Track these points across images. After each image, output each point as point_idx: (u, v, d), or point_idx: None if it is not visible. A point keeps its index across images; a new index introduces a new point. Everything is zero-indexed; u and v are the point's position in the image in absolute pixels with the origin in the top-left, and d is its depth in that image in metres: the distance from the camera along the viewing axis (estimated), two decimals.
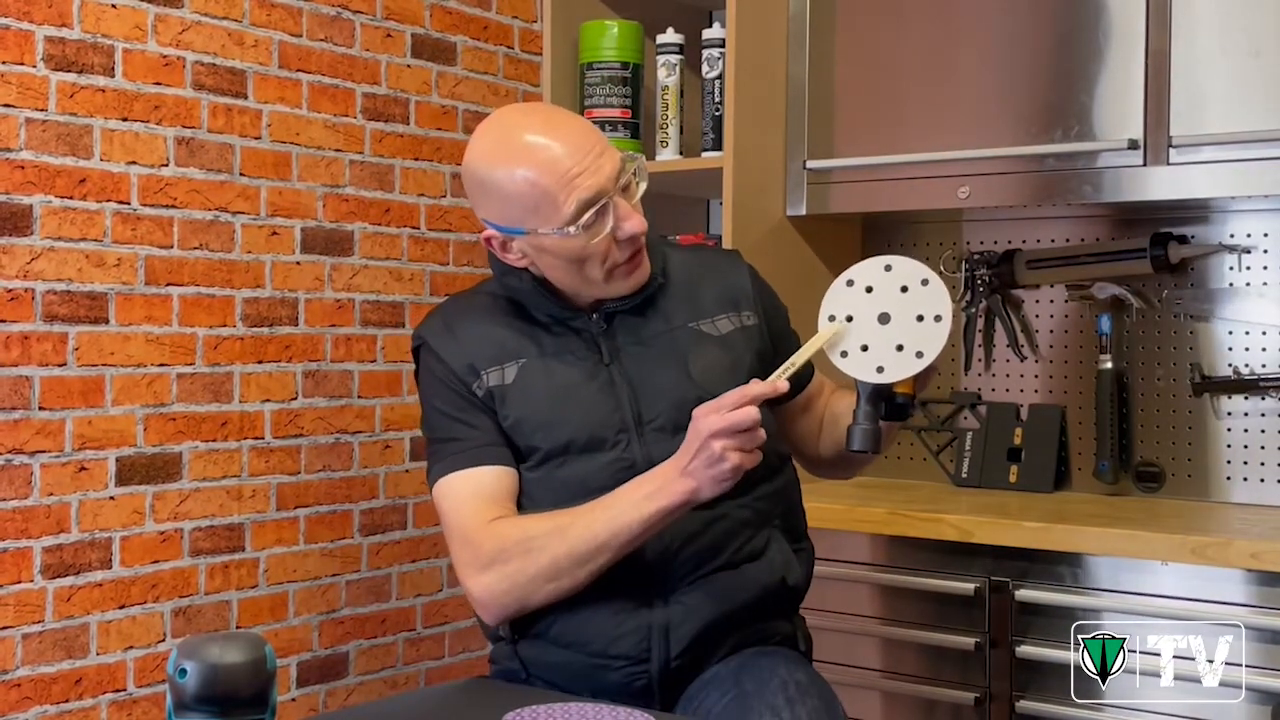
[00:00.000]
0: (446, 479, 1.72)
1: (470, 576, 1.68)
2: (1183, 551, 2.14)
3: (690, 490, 1.58)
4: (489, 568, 1.66)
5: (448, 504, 1.72)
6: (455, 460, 1.72)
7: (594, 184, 1.64)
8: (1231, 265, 2.60)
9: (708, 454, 1.55)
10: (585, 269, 1.70)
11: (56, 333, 2.21)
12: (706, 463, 1.56)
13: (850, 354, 1.62)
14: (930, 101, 2.63)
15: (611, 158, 1.68)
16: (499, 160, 1.67)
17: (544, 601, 1.67)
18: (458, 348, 1.76)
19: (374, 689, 2.71)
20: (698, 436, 1.56)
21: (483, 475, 1.71)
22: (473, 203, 1.76)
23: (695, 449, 1.56)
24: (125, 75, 2.30)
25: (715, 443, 1.54)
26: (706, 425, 1.55)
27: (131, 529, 2.31)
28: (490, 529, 1.67)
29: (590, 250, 1.67)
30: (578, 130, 1.68)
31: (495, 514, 1.69)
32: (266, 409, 2.52)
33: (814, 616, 1.97)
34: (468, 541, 1.68)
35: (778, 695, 1.61)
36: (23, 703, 2.16)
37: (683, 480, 1.58)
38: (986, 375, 2.88)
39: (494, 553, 1.66)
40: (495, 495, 1.71)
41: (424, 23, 2.80)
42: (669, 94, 2.83)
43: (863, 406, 1.62)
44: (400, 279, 2.75)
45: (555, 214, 1.65)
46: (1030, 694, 2.29)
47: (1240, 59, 2.32)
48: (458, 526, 1.70)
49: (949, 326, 1.60)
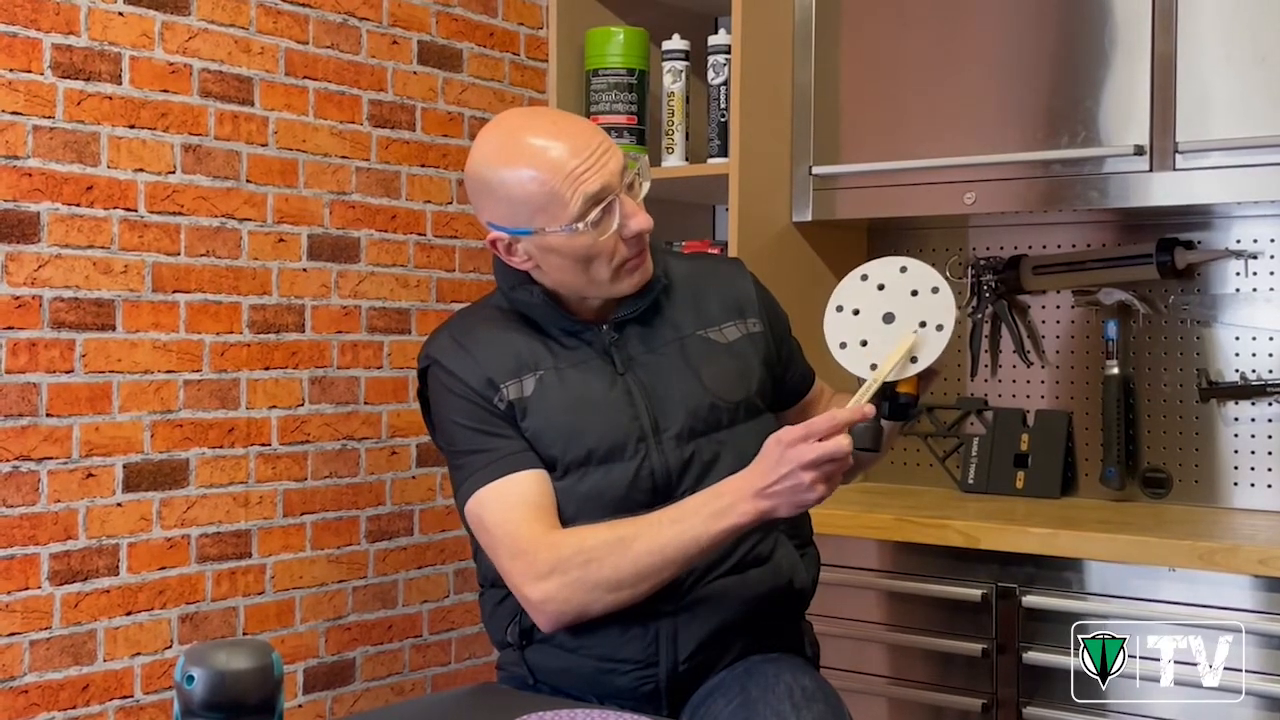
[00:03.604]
0: (484, 490, 1.68)
1: (528, 584, 1.64)
2: (1190, 557, 2.14)
3: (765, 511, 1.57)
4: (548, 577, 1.62)
5: (491, 515, 1.67)
6: (490, 471, 1.69)
7: (599, 180, 1.64)
8: (1238, 270, 2.60)
9: (794, 482, 1.53)
10: (592, 268, 1.69)
11: (64, 340, 2.22)
12: (791, 491, 1.54)
13: (849, 347, 1.63)
14: (936, 107, 2.63)
15: (616, 156, 1.68)
16: (504, 162, 1.67)
17: (603, 611, 1.64)
18: (472, 363, 1.73)
19: (380, 695, 2.71)
20: (786, 462, 1.53)
21: (522, 481, 1.68)
22: (476, 207, 1.75)
23: (781, 474, 1.54)
24: (132, 83, 2.30)
25: (805, 474, 1.53)
26: (798, 455, 1.52)
27: (139, 535, 2.31)
28: (544, 540, 1.64)
29: (598, 248, 1.67)
30: (581, 130, 1.69)
31: (545, 523, 1.65)
32: (273, 415, 2.52)
33: (821, 622, 1.97)
34: (520, 554, 1.64)
35: (784, 701, 1.61)
36: (30, 709, 2.16)
37: (758, 501, 1.56)
38: (993, 381, 2.88)
39: (552, 562, 1.62)
40: (540, 503, 1.67)
41: (430, 30, 2.80)
42: (675, 100, 2.84)
43: None
44: (407, 285, 2.76)
45: (562, 212, 1.64)
46: (1037, 700, 2.29)
47: (1246, 64, 2.32)
48: (506, 536, 1.66)
49: (949, 337, 1.61)
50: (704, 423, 1.72)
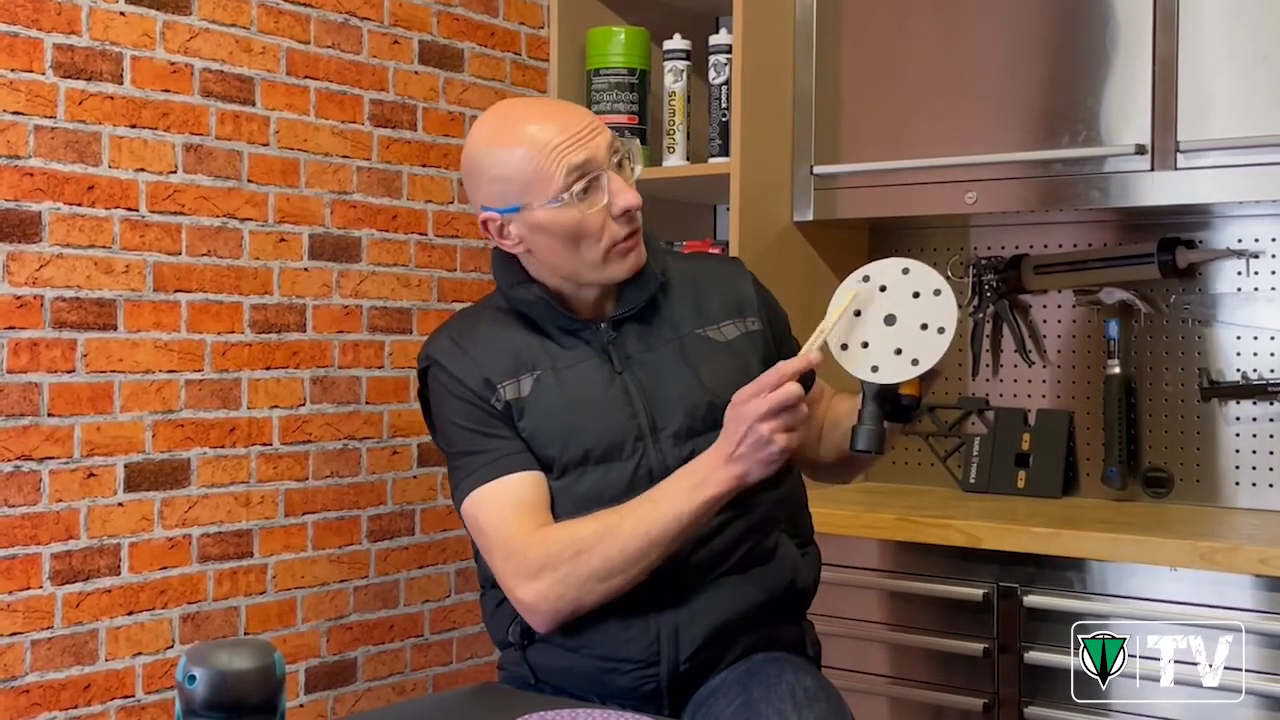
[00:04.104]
0: (479, 491, 1.70)
1: (519, 585, 1.66)
2: (1191, 557, 2.14)
3: (739, 475, 1.59)
4: (538, 575, 1.64)
5: (485, 516, 1.69)
6: (485, 472, 1.70)
7: (584, 153, 1.68)
8: (1239, 270, 2.60)
9: (755, 438, 1.56)
10: (581, 248, 1.70)
11: (65, 339, 2.22)
12: (754, 447, 1.56)
13: (850, 348, 1.64)
14: (937, 107, 2.63)
15: (604, 135, 1.71)
16: (495, 143, 1.71)
17: (597, 602, 1.65)
18: (470, 363, 1.74)
19: (382, 695, 2.71)
20: (743, 421, 1.56)
21: (516, 483, 1.69)
22: (470, 192, 1.78)
23: (741, 434, 1.57)
24: (133, 82, 2.30)
25: (762, 426, 1.55)
26: (752, 409, 1.55)
27: (140, 535, 2.31)
28: (534, 537, 1.65)
29: (586, 226, 1.69)
30: (570, 112, 1.74)
31: (536, 521, 1.67)
32: (274, 415, 2.52)
33: (822, 622, 1.97)
34: (512, 552, 1.66)
35: (785, 701, 1.61)
36: (32, 709, 2.17)
37: (729, 467, 1.59)
38: (994, 380, 2.88)
39: (542, 559, 1.64)
40: (533, 502, 1.69)
41: (431, 29, 2.80)
42: (676, 100, 2.84)
43: (868, 406, 1.63)
44: (408, 285, 2.76)
45: (548, 185, 1.67)
46: (1038, 700, 2.29)
47: (1247, 64, 2.32)
48: (499, 538, 1.68)
49: (950, 340, 1.61)
50: (702, 421, 1.71)
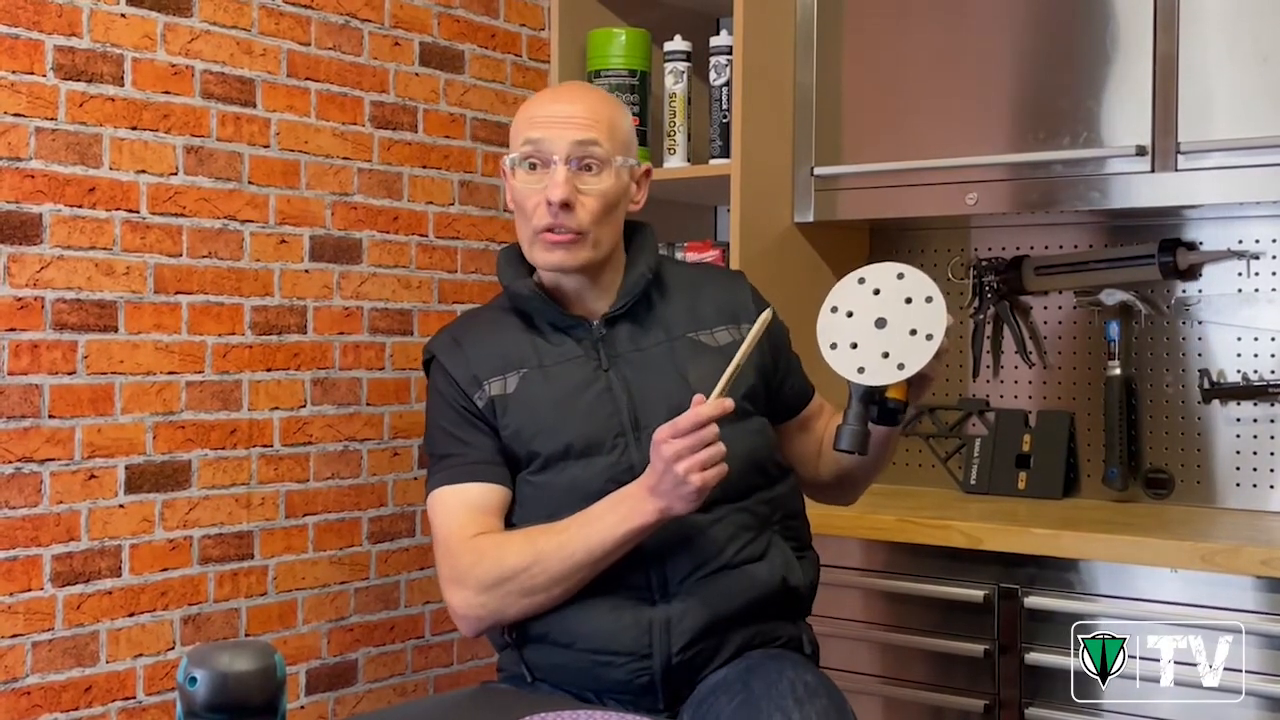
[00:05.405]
0: (439, 491, 1.78)
1: (448, 589, 1.75)
2: (1192, 558, 2.14)
3: (661, 510, 1.63)
4: (463, 582, 1.71)
5: (437, 516, 1.78)
6: (450, 474, 1.78)
7: (544, 133, 1.75)
8: (1240, 271, 2.60)
9: (671, 477, 1.59)
10: (520, 221, 1.79)
11: (66, 341, 2.22)
12: (674, 485, 1.60)
13: (839, 347, 1.64)
14: (938, 108, 2.63)
15: (583, 130, 1.74)
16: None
17: (519, 616, 1.72)
18: (463, 359, 1.81)
19: (383, 696, 2.71)
20: (660, 460, 1.60)
21: (473, 490, 1.76)
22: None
23: (660, 472, 1.61)
24: (134, 84, 2.30)
25: (678, 466, 1.58)
26: (669, 450, 1.59)
27: (141, 537, 2.31)
28: (470, 544, 1.72)
29: (522, 199, 1.77)
30: (576, 100, 1.79)
31: (479, 528, 1.73)
32: (275, 417, 2.52)
33: (822, 623, 1.97)
34: (449, 553, 1.74)
35: (787, 697, 1.62)
36: (32, 710, 2.17)
37: (653, 500, 1.63)
38: (995, 382, 2.88)
39: (470, 566, 1.71)
40: (483, 509, 1.75)
41: (432, 31, 2.80)
42: (676, 101, 2.84)
43: (853, 407, 1.64)
44: (409, 287, 2.76)
45: (514, 144, 1.80)
46: (1039, 700, 2.29)
47: (1248, 64, 2.32)
48: (442, 538, 1.76)
49: (937, 347, 1.62)
50: None
